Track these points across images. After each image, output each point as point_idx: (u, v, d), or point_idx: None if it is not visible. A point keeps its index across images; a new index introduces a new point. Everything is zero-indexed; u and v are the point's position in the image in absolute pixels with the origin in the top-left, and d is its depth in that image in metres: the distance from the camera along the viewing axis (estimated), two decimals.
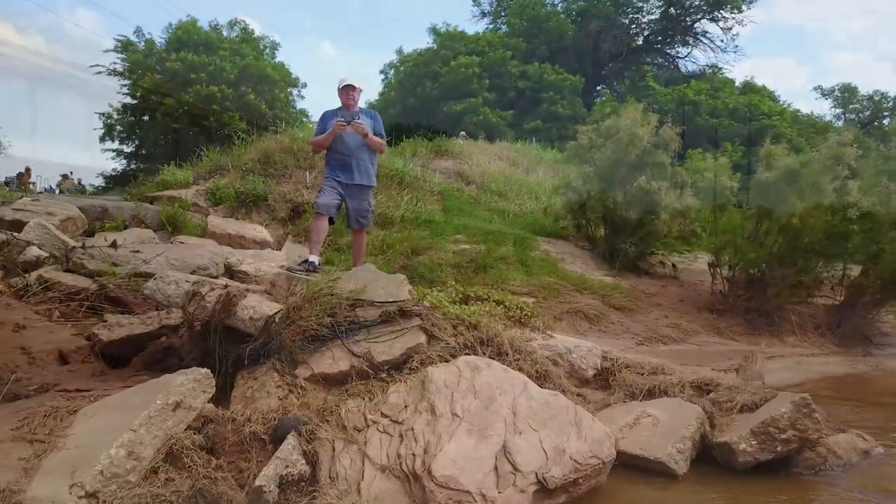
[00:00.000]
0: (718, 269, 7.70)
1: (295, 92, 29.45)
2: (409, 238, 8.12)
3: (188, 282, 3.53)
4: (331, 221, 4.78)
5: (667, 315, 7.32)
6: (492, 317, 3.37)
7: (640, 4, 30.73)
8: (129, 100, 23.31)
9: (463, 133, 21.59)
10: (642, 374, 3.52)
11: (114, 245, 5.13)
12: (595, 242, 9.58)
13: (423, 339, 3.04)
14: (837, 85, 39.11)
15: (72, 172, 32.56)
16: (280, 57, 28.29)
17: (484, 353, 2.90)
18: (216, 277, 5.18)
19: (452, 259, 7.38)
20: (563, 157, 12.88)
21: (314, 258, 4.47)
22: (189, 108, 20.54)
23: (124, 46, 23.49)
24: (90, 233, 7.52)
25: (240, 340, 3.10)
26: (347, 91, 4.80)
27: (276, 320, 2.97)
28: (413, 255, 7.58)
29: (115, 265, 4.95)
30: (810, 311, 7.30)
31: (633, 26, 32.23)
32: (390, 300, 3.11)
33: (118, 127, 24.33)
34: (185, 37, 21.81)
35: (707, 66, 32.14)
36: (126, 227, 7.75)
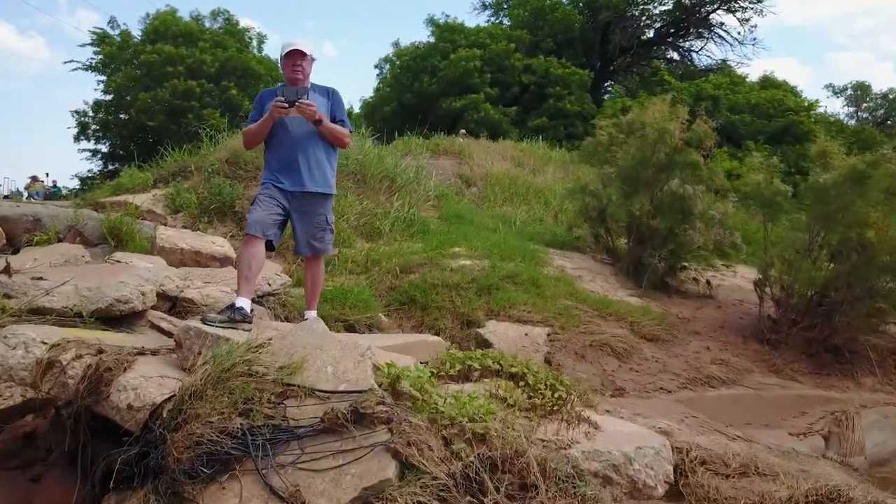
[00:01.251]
0: (768, 290, 6.64)
1: None
2: (399, 252, 7.07)
3: (45, 343, 2.46)
4: (270, 247, 3.60)
5: (708, 346, 6.27)
6: (508, 407, 2.30)
7: None
8: (103, 96, 22.41)
9: (463, 131, 20.59)
10: (728, 477, 2.45)
11: (7, 271, 4.07)
12: (616, 255, 8.54)
13: (391, 470, 1.89)
14: (850, 83, 38.19)
15: (48, 174, 31.50)
16: (269, 50, 27.33)
17: (498, 489, 1.82)
18: (142, 312, 4.14)
19: (450, 278, 6.33)
20: (578, 157, 11.84)
21: (243, 302, 3.25)
22: (166, 104, 19.53)
23: (100, 39, 22.49)
24: (16, 248, 6.49)
25: (117, 437, 2.06)
26: (294, 59, 3.56)
27: (164, 415, 1.94)
28: (403, 274, 6.54)
29: (6, 297, 3.89)
30: (892, 344, 6.24)
31: (644, 18, 31.22)
32: (341, 388, 2.06)
33: (93, 126, 23.36)
34: (163, 28, 20.78)
35: (723, 60, 31.19)
36: (60, 241, 6.72)
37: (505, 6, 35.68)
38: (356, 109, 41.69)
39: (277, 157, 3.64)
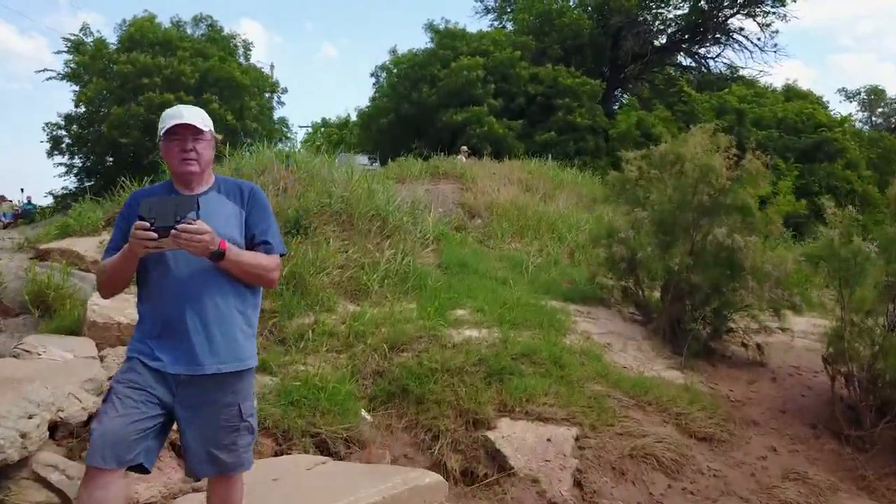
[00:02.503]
0: (847, 368, 5.58)
1: (275, 98, 27.66)
2: (389, 318, 6.04)
3: None
4: (142, 469, 2.22)
5: (775, 447, 5.21)
6: None
7: None
8: (76, 109, 21.47)
9: (464, 148, 19.62)
10: None
11: None
12: (648, 310, 7.51)
13: None
14: (863, 87, 37.58)
15: (22, 189, 30.59)
16: (258, 57, 26.40)
17: None
18: (24, 459, 3.11)
19: (453, 359, 5.28)
20: (603, 194, 10.83)
21: None
22: (141, 118, 18.57)
23: (75, 46, 21.58)
24: None
25: None
26: (181, 140, 2.33)
27: None
28: (394, 352, 5.50)
29: None
30: None
31: (658, 22, 30.36)
32: None
33: (66, 140, 22.41)
34: (139, 35, 19.86)
35: (741, 67, 30.30)
36: None
37: (509, 10, 34.93)
38: (353, 117, 40.96)
39: (153, 315, 2.34)
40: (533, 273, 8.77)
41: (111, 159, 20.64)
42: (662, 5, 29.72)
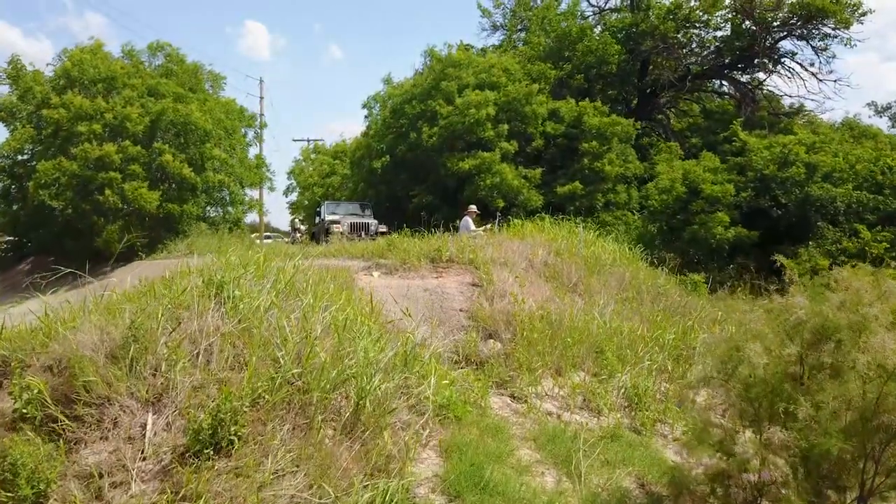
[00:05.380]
0: None
1: (251, 134, 25.47)
2: None
3: None
4: None
5: None
6: None
7: (706, 17, 26.69)
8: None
9: (473, 208, 17.31)
10: None
11: None
12: None
13: None
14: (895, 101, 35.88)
15: None
16: (230, 92, 24.14)
17: None
18: None
19: None
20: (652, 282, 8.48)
21: None
22: (75, 176, 16.28)
23: (13, 77, 19.39)
24: None
25: None
26: None
27: None
28: None
29: None
30: None
31: (696, 46, 28.23)
32: None
33: None
34: (77, 71, 17.62)
35: (791, 97, 28.18)
36: None
37: (520, 29, 32.97)
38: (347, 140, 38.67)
39: None
40: (596, 469, 6.30)
41: (36, 232, 18.33)
42: (700, 26, 27.62)
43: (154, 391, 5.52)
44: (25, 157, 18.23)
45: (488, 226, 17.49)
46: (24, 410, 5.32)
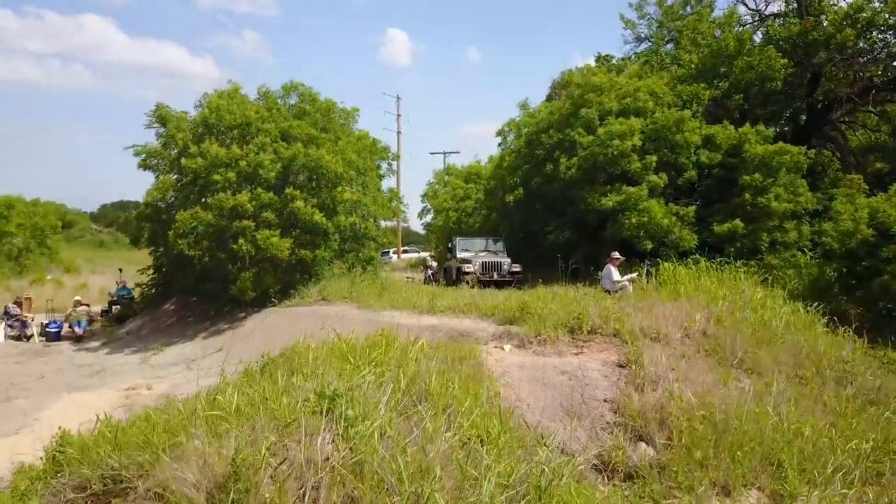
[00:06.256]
0: None
1: (384, 166, 25.54)
2: None
3: None
4: None
5: None
6: None
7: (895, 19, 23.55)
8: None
9: (616, 255, 16.02)
10: None
11: None
12: None
13: None
14: None
15: (121, 270, 30.45)
16: (364, 124, 24.34)
17: None
18: None
19: None
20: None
21: None
22: (210, 226, 16.80)
23: (161, 119, 20.59)
24: None
25: None
26: None
27: None
28: None
29: None
30: None
31: (880, 53, 25.04)
32: None
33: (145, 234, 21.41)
34: (215, 118, 18.29)
35: None
36: None
37: (667, 40, 31.02)
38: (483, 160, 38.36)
39: None
40: None
41: (178, 275, 19.25)
42: (885, 30, 24.45)
43: None
44: (170, 201, 19.11)
45: (634, 275, 16.15)
46: None
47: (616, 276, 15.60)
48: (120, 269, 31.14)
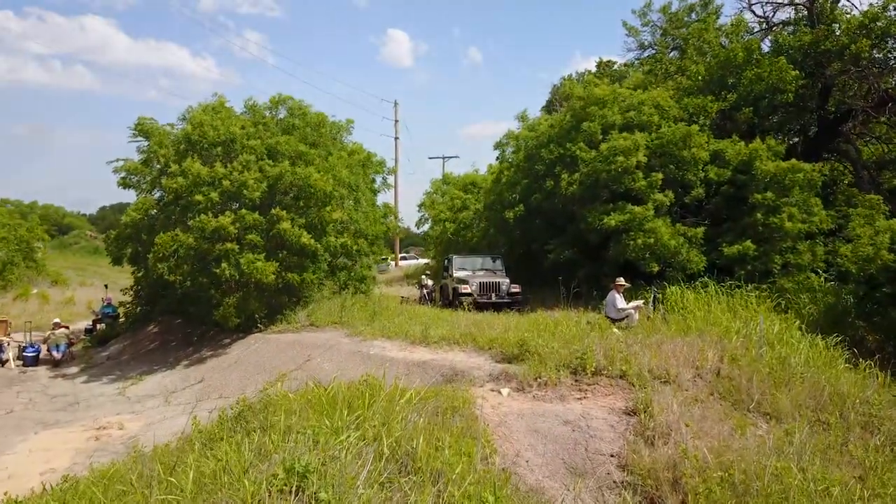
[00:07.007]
0: None
1: (378, 180, 24.91)
2: None
3: None
4: None
5: None
6: None
7: None
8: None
9: (621, 280, 15.35)
10: None
11: None
12: None
13: None
14: None
15: (106, 286, 29.74)
16: (357, 136, 23.67)
17: None
18: None
19: None
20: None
21: None
22: (191, 249, 16.12)
23: (144, 133, 19.91)
24: None
25: None
26: None
27: None
28: None
29: None
30: None
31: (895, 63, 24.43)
32: None
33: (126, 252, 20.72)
34: (198, 134, 17.60)
35: None
36: None
37: (671, 49, 30.44)
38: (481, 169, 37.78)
39: None
40: None
41: (164, 296, 18.63)
42: None
43: None
44: (152, 221, 18.41)
45: (640, 302, 15.49)
46: None
47: (621, 303, 14.92)
48: (105, 286, 30.42)
